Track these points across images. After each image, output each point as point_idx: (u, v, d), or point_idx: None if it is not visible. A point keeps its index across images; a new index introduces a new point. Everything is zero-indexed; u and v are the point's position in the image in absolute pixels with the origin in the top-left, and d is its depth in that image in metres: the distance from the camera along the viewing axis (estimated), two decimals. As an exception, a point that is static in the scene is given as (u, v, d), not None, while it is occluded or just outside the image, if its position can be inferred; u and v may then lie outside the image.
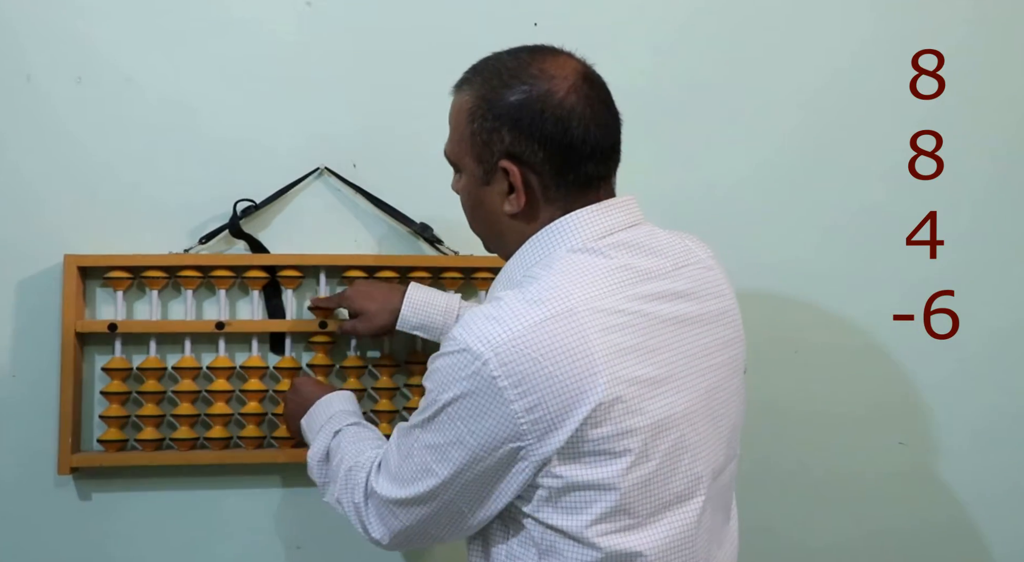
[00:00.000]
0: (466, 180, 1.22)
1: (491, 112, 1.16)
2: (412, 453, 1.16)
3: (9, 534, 1.62)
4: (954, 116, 1.82)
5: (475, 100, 1.18)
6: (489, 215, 1.22)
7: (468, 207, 1.25)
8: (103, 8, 1.64)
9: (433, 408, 1.12)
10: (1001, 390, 1.83)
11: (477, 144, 1.18)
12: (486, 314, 1.09)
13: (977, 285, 1.82)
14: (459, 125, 1.21)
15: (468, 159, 1.20)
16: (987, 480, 1.82)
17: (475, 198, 1.22)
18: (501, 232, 1.22)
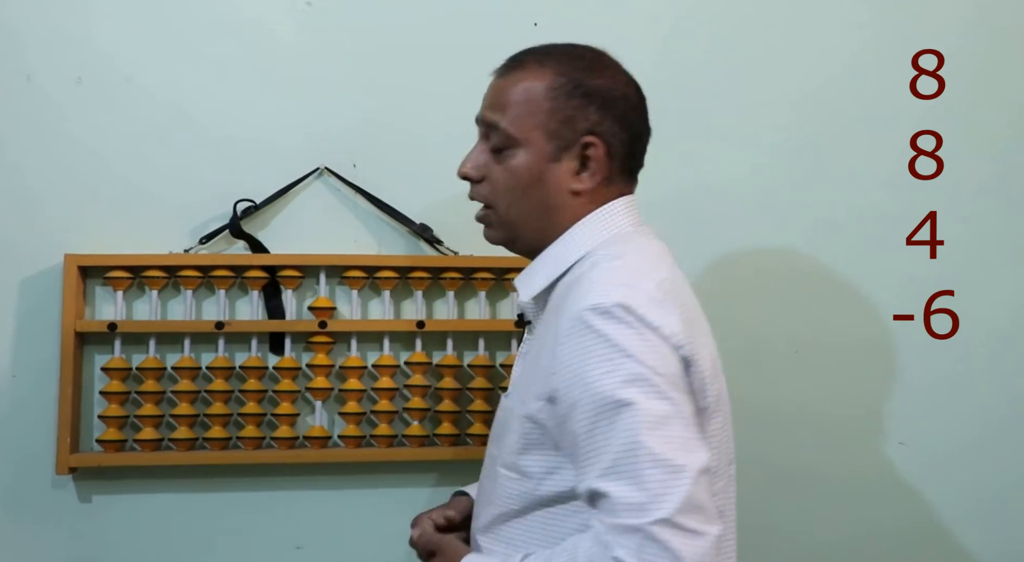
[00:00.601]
0: (525, 158, 1.20)
1: (579, 90, 1.20)
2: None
3: (8, 534, 1.61)
4: (954, 116, 1.82)
5: (558, 78, 1.20)
6: (547, 192, 1.21)
7: (520, 186, 1.21)
8: (103, 8, 1.64)
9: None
10: (1001, 390, 1.83)
11: (555, 120, 1.19)
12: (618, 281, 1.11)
13: (977, 285, 1.82)
14: (531, 102, 1.20)
15: (538, 134, 1.20)
16: (987, 479, 1.82)
17: (536, 175, 1.20)
18: (553, 214, 1.21)
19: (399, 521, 1.69)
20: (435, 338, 1.71)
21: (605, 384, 1.05)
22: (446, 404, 1.67)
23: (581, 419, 1.07)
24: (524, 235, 1.24)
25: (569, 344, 1.09)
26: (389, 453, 1.66)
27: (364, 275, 1.67)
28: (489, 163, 1.23)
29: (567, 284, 1.17)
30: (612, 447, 1.03)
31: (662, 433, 1.03)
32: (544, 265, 1.22)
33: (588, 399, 1.06)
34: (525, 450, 1.16)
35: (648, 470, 1.01)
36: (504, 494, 1.19)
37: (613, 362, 1.06)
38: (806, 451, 1.78)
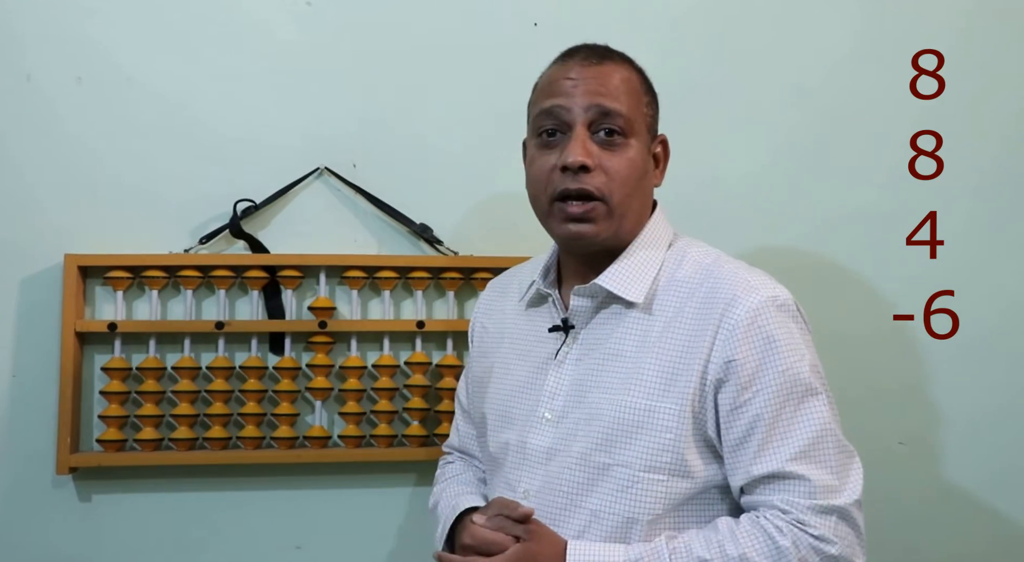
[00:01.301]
0: (640, 148, 1.23)
1: (652, 94, 1.28)
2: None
3: (8, 533, 1.62)
4: (954, 116, 1.82)
5: (642, 79, 1.27)
6: (648, 184, 1.26)
7: (635, 177, 1.22)
8: (103, 8, 1.64)
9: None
10: (1000, 389, 1.83)
11: (648, 117, 1.26)
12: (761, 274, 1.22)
13: (977, 285, 1.82)
14: (637, 94, 1.24)
15: (642, 125, 1.24)
16: (987, 479, 1.82)
17: (644, 166, 1.24)
18: (647, 203, 1.27)
19: (399, 521, 1.70)
20: (435, 338, 1.71)
21: (795, 371, 1.14)
22: (446, 404, 1.67)
23: (767, 403, 1.14)
24: (625, 229, 1.23)
25: (753, 332, 1.15)
26: (389, 453, 1.66)
27: (364, 275, 1.67)
28: (600, 153, 1.20)
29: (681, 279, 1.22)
30: (804, 432, 1.13)
31: (837, 420, 1.16)
32: (638, 265, 1.23)
33: (777, 384, 1.14)
34: (690, 445, 1.16)
35: (836, 455, 1.14)
36: (649, 499, 1.16)
37: (798, 352, 1.16)
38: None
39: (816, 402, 1.15)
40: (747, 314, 1.15)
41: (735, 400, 1.14)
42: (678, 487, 1.16)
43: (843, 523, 1.12)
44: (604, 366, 1.21)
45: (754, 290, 1.17)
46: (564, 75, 1.22)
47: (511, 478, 1.25)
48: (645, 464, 1.15)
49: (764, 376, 1.14)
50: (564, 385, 1.23)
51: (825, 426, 1.14)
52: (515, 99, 1.74)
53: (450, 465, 1.46)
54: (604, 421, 1.18)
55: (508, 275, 1.44)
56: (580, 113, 1.20)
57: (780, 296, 1.18)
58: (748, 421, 1.14)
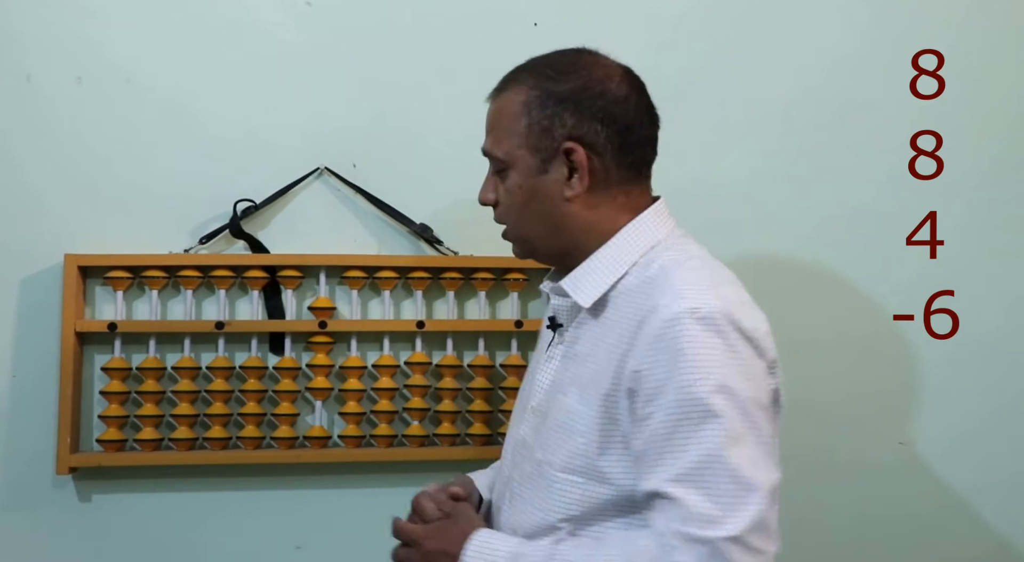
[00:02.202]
0: (517, 176, 1.22)
1: (551, 99, 1.20)
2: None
3: (8, 533, 1.62)
4: (954, 116, 1.82)
5: (530, 91, 1.22)
6: (544, 207, 1.22)
7: (519, 204, 1.22)
8: (103, 8, 1.64)
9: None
10: (1000, 390, 1.83)
11: (535, 133, 1.20)
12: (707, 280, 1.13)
13: (977, 285, 1.82)
14: (509, 121, 1.22)
15: (521, 151, 1.21)
16: (986, 479, 1.82)
17: (529, 190, 1.22)
18: (557, 224, 1.22)
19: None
20: (435, 338, 1.71)
21: (696, 390, 1.06)
22: (446, 404, 1.67)
23: (664, 419, 1.07)
24: (541, 247, 1.25)
25: (663, 346, 1.08)
26: (389, 453, 1.66)
27: (364, 275, 1.67)
28: (498, 186, 1.25)
29: (632, 286, 1.17)
30: (691, 453, 1.05)
31: (741, 449, 1.05)
32: (597, 270, 1.20)
33: (675, 401, 1.07)
34: (603, 452, 1.14)
35: (724, 484, 1.04)
36: (564, 500, 1.16)
37: (704, 370, 1.06)
38: (806, 451, 1.78)
39: (712, 425, 1.05)
40: (661, 324, 1.09)
41: (639, 412, 1.10)
42: (595, 492, 1.14)
43: (716, 558, 1.02)
44: (568, 366, 1.23)
45: (678, 299, 1.10)
46: None
47: (504, 465, 1.30)
48: (562, 465, 1.16)
49: (665, 391, 1.07)
50: (547, 380, 1.26)
51: (715, 452, 1.04)
52: (515, 99, 1.75)
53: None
54: (549, 419, 1.21)
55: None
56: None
57: (705, 308, 1.08)
58: (646, 435, 1.09)
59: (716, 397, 1.06)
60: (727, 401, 1.06)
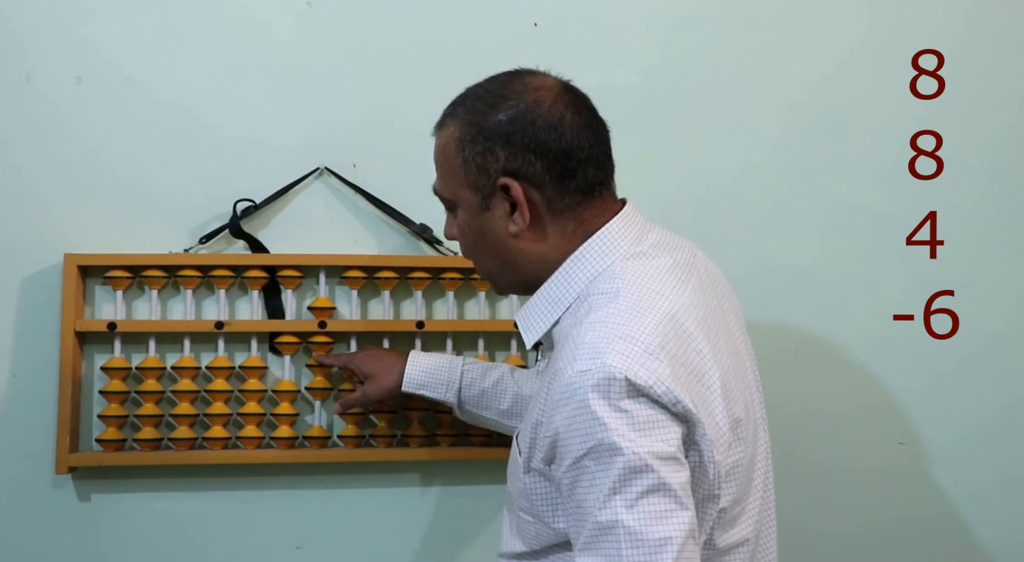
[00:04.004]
0: (464, 215, 1.21)
1: (481, 134, 1.16)
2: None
3: (7, 533, 1.61)
4: (954, 116, 1.82)
5: (462, 128, 1.18)
6: (494, 244, 1.20)
7: (470, 243, 1.23)
8: (103, 8, 1.64)
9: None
10: (1001, 390, 1.83)
11: (471, 171, 1.17)
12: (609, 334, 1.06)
13: (977, 285, 1.82)
14: (448, 159, 1.20)
15: (463, 190, 1.19)
16: (986, 479, 1.82)
17: (476, 229, 1.20)
18: (511, 260, 1.20)
19: (400, 521, 1.70)
20: (435, 338, 1.71)
21: (586, 457, 1.02)
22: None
23: (567, 483, 1.05)
24: (504, 283, 1.26)
25: (558, 410, 1.05)
26: (389, 453, 1.66)
27: (364, 275, 1.67)
28: (453, 223, 1.26)
29: (566, 328, 1.14)
30: (589, 521, 1.01)
31: (642, 509, 1.00)
32: (539, 307, 1.19)
33: (571, 467, 1.04)
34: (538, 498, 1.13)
35: (626, 550, 0.99)
36: (526, 535, 1.17)
37: (594, 435, 1.02)
38: (806, 451, 1.78)
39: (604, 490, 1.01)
40: (559, 388, 1.05)
41: (554, 473, 1.08)
42: (544, 532, 1.14)
43: None
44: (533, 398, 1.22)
45: (572, 362, 1.05)
46: None
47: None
48: (516, 503, 1.17)
49: (564, 457, 1.05)
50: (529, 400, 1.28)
51: (612, 518, 1.00)
52: (515, 99, 1.74)
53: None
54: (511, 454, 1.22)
55: None
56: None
57: (591, 371, 1.03)
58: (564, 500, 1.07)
59: (608, 459, 1.01)
60: (620, 461, 1.00)
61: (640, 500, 1.00)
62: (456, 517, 1.71)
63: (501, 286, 1.28)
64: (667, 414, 1.04)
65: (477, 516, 1.71)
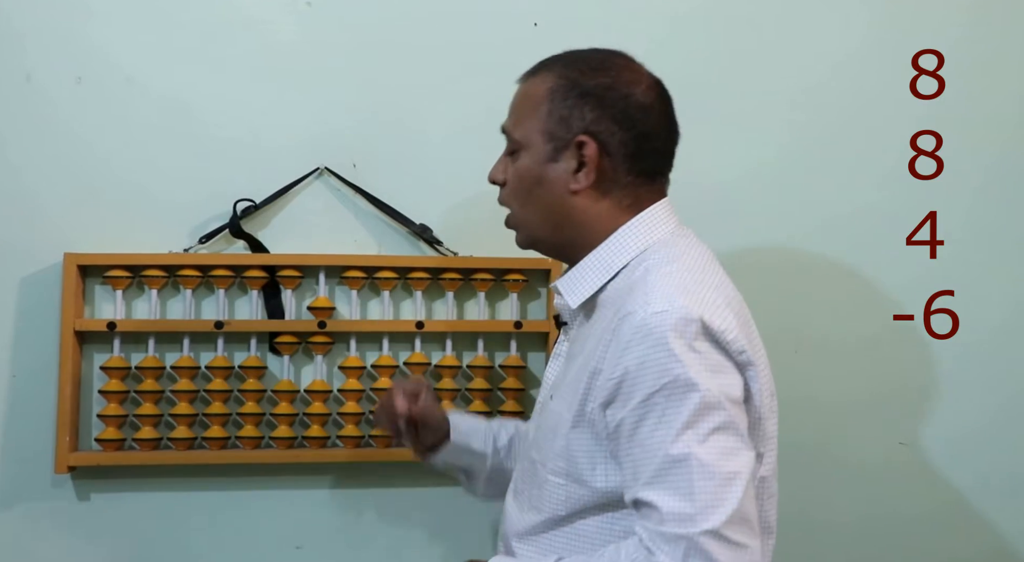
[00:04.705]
0: (527, 159, 1.23)
1: (575, 90, 1.21)
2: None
3: (7, 533, 1.61)
4: (954, 116, 1.82)
5: (557, 79, 1.22)
6: (548, 195, 1.22)
7: (524, 188, 1.23)
8: (103, 8, 1.64)
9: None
10: (1001, 390, 1.83)
11: (552, 121, 1.21)
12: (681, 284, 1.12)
13: (977, 285, 1.82)
14: (532, 104, 1.23)
15: (536, 136, 1.22)
16: (988, 479, 1.82)
17: (536, 176, 1.22)
18: (558, 215, 1.22)
19: (399, 521, 1.70)
20: (434, 339, 1.71)
21: (661, 391, 1.06)
22: (445, 405, 1.67)
23: (634, 422, 1.07)
24: (540, 236, 1.26)
25: (630, 350, 1.08)
26: (388, 453, 1.66)
27: (364, 275, 1.67)
28: (508, 167, 1.26)
29: (618, 289, 1.17)
30: (660, 456, 1.05)
31: (712, 443, 1.04)
32: (589, 270, 1.22)
33: (643, 404, 1.07)
34: (581, 454, 1.15)
35: (697, 481, 1.03)
36: (552, 500, 1.18)
37: (670, 371, 1.06)
38: (806, 451, 1.78)
39: (679, 424, 1.05)
40: (629, 330, 1.09)
41: (613, 420, 1.11)
42: (577, 493, 1.16)
43: (694, 554, 1.01)
44: (565, 366, 1.25)
45: (644, 304, 1.09)
46: None
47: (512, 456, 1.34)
48: (549, 467, 1.18)
49: (634, 395, 1.08)
50: (551, 379, 1.29)
51: (684, 450, 1.04)
52: (515, 99, 1.74)
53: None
54: (542, 418, 1.24)
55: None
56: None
57: (667, 312, 1.08)
58: (620, 440, 1.10)
59: (682, 394, 1.05)
60: (694, 397, 1.05)
61: (711, 436, 1.05)
62: (456, 517, 1.71)
63: (531, 238, 1.27)
64: (732, 362, 1.11)
65: (476, 516, 1.71)
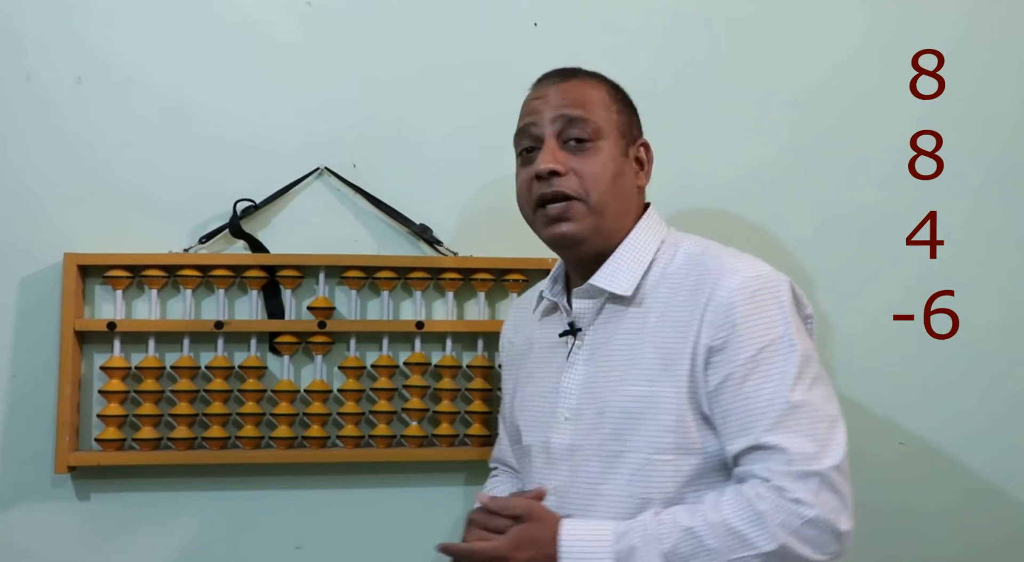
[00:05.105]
0: (609, 150, 1.30)
1: (627, 102, 1.36)
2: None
3: (7, 532, 1.61)
4: (954, 116, 1.82)
5: (612, 89, 1.35)
6: (625, 183, 1.32)
7: (609, 177, 1.29)
8: (103, 8, 1.64)
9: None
10: (1000, 390, 1.83)
11: (622, 122, 1.33)
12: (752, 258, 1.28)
13: (977, 285, 1.82)
14: (602, 100, 1.32)
15: (613, 130, 1.31)
16: (987, 479, 1.82)
17: (619, 165, 1.31)
18: (629, 200, 1.33)
19: (398, 521, 1.70)
20: (434, 339, 1.71)
21: (771, 346, 1.19)
22: (445, 405, 1.67)
23: (745, 376, 1.18)
24: (606, 225, 1.30)
25: (734, 310, 1.20)
26: (388, 453, 1.66)
27: (363, 275, 1.67)
28: (568, 158, 1.29)
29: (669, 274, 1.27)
30: (779, 403, 1.17)
31: (816, 390, 1.19)
32: (628, 261, 1.29)
33: (753, 358, 1.18)
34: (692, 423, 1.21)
35: (815, 423, 1.17)
36: (656, 480, 1.22)
37: (776, 327, 1.20)
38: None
39: (791, 374, 1.18)
40: (728, 294, 1.21)
41: (717, 377, 1.20)
42: (686, 464, 1.21)
43: (825, 488, 1.15)
44: (609, 362, 1.29)
45: (736, 272, 1.22)
46: (535, 96, 1.34)
47: (539, 477, 1.33)
48: (653, 446, 1.22)
49: (743, 350, 1.19)
50: (576, 385, 1.31)
51: (800, 397, 1.17)
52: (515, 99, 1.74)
53: (495, 478, 1.55)
54: (612, 412, 1.26)
55: (532, 291, 1.53)
56: (548, 125, 1.30)
57: (763, 275, 1.23)
58: (728, 396, 1.19)
59: (788, 349, 1.19)
60: (798, 351, 1.19)
61: (814, 385, 1.19)
62: (456, 517, 1.71)
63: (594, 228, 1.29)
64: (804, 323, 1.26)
65: (476, 516, 1.71)
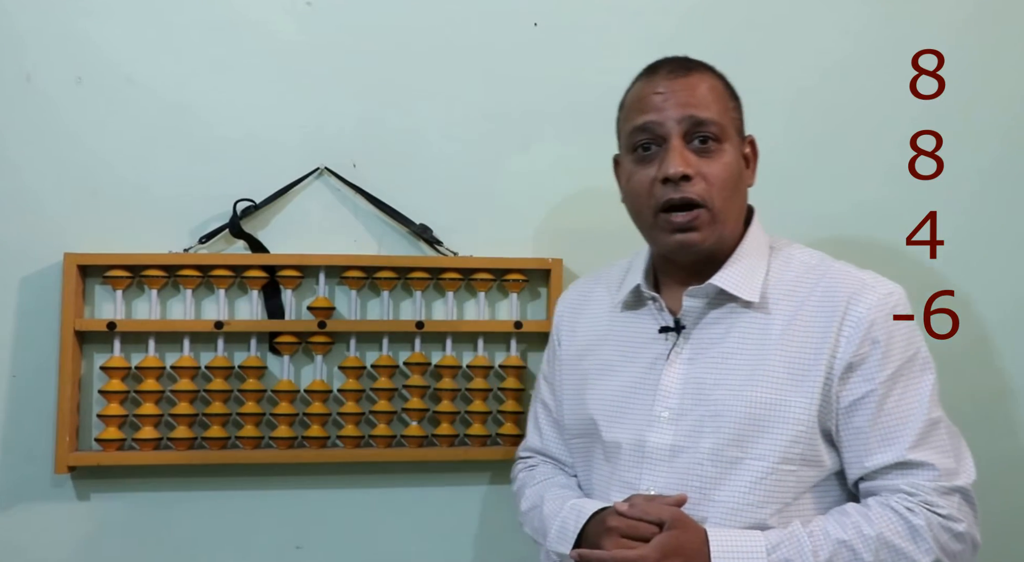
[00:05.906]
0: (734, 150, 1.27)
1: (736, 96, 1.31)
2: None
3: (7, 532, 1.62)
4: (954, 116, 1.82)
5: (725, 82, 1.31)
6: (743, 186, 1.30)
7: (733, 181, 1.26)
8: (103, 8, 1.64)
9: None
10: (1001, 390, 1.82)
11: (737, 119, 1.30)
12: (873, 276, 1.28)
13: (977, 285, 1.82)
14: (723, 97, 1.28)
15: (732, 132, 1.27)
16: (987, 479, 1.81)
17: (740, 170, 1.28)
18: (743, 204, 1.31)
19: (398, 521, 1.70)
20: (434, 339, 1.71)
21: (910, 364, 1.22)
22: (445, 405, 1.67)
23: (882, 395, 1.20)
24: (727, 230, 1.28)
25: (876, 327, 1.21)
26: (388, 453, 1.66)
27: (363, 275, 1.68)
28: (697, 161, 1.24)
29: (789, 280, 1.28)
30: (921, 420, 1.20)
31: (940, 407, 1.24)
32: (748, 266, 1.28)
33: (893, 377, 1.21)
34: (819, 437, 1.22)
35: (950, 440, 1.22)
36: (778, 489, 1.21)
37: (913, 346, 1.23)
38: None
39: (927, 392, 1.22)
40: (867, 311, 1.22)
41: (855, 393, 1.21)
42: (807, 476, 1.22)
43: (965, 503, 1.20)
44: (724, 364, 1.25)
45: (870, 288, 1.24)
46: (652, 90, 1.26)
47: (628, 477, 1.26)
48: (780, 456, 1.21)
49: (884, 370, 1.21)
50: (678, 384, 1.26)
51: (936, 416, 1.22)
52: (515, 99, 1.75)
53: (537, 468, 1.46)
54: (732, 417, 1.22)
55: (591, 280, 1.46)
56: (674, 125, 1.24)
57: (896, 292, 1.25)
58: (868, 412, 1.20)
59: (924, 366, 1.24)
60: (931, 368, 1.24)
61: (937, 400, 1.24)
62: (456, 517, 1.71)
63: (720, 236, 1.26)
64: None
65: (477, 516, 1.71)
